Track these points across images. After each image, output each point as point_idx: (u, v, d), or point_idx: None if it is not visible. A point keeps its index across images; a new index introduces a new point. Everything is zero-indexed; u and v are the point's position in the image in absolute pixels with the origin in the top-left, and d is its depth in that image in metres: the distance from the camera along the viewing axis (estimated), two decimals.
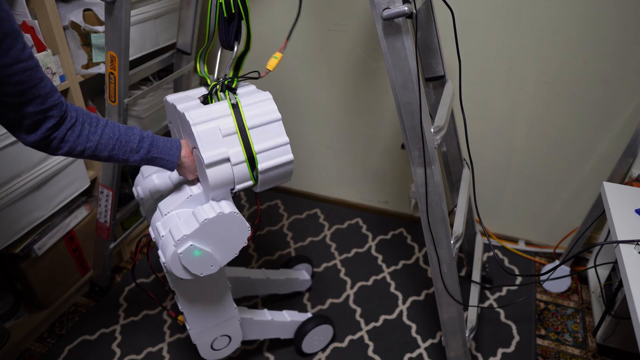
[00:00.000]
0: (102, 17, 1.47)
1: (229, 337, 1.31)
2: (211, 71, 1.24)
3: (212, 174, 1.01)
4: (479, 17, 1.57)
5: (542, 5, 1.48)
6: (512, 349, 1.57)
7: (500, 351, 1.56)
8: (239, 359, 1.55)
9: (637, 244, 0.99)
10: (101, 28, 1.46)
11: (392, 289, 1.80)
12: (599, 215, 1.55)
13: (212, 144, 1.00)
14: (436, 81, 1.31)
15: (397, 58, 0.96)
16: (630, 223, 1.05)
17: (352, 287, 1.81)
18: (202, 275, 1.05)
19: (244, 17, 1.09)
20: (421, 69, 1.29)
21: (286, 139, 1.08)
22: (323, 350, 1.57)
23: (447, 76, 1.31)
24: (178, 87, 1.85)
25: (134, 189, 1.30)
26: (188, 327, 1.23)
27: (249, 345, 1.59)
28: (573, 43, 1.51)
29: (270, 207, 2.22)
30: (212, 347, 1.29)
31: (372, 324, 1.66)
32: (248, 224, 1.07)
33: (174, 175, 1.20)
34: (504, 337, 1.60)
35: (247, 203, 2.24)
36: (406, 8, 0.88)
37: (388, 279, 1.84)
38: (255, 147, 1.04)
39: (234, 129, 1.03)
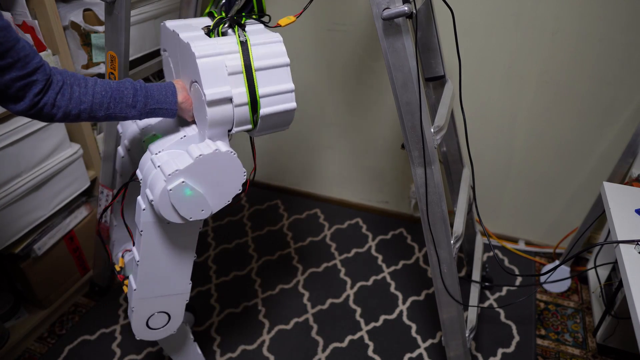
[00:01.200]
0: (102, 17, 1.47)
1: (169, 316, 1.17)
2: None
3: (212, 112, 0.95)
4: (479, 17, 1.57)
5: (542, 5, 1.48)
6: (512, 349, 1.57)
7: (500, 351, 1.56)
8: (238, 359, 1.55)
9: (637, 244, 0.99)
10: (101, 28, 1.46)
11: (392, 289, 1.80)
12: (599, 215, 1.55)
13: (215, 80, 0.94)
14: (436, 81, 1.31)
15: (397, 58, 0.96)
16: (630, 223, 1.05)
17: (352, 287, 1.81)
18: (190, 219, 0.98)
19: None
20: (421, 69, 1.29)
21: (292, 85, 1.01)
22: (323, 350, 1.57)
23: (447, 76, 1.31)
24: None
25: (118, 127, 1.22)
26: (134, 288, 1.10)
27: (249, 345, 1.59)
28: (573, 43, 1.51)
29: (270, 207, 2.22)
30: (147, 324, 1.16)
31: (372, 324, 1.66)
32: (244, 169, 1.00)
33: None
34: (504, 337, 1.60)
35: (246, 203, 2.24)
36: (406, 8, 0.88)
37: (388, 279, 1.84)
38: (260, 91, 0.98)
39: (240, 68, 0.96)
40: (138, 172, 1.06)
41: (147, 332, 1.17)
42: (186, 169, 0.94)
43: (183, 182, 0.95)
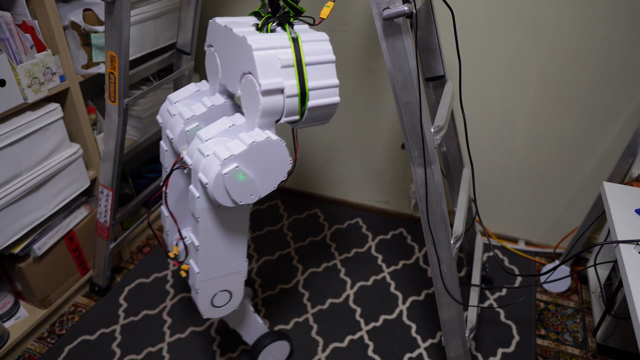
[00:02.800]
0: (102, 17, 1.47)
1: (230, 293, 1.25)
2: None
3: (266, 102, 1.01)
4: (479, 17, 1.57)
5: (542, 5, 1.48)
6: (512, 349, 1.57)
7: (500, 351, 1.56)
8: (238, 359, 1.55)
9: (637, 244, 0.99)
10: (101, 28, 1.46)
11: (392, 289, 1.80)
12: (599, 215, 1.55)
13: (270, 71, 1.00)
14: (436, 81, 1.31)
15: (397, 58, 0.96)
16: (630, 223, 1.05)
17: (352, 287, 1.81)
18: (240, 203, 1.05)
19: None
20: (421, 68, 1.29)
21: (337, 81, 1.09)
22: (323, 350, 1.57)
23: (447, 76, 1.31)
24: (178, 87, 1.85)
25: (158, 117, 1.30)
26: (196, 271, 1.17)
27: (249, 345, 1.59)
28: (573, 43, 1.51)
29: (270, 207, 2.22)
30: (212, 303, 1.24)
31: (372, 324, 1.66)
32: (290, 157, 1.08)
33: (207, 100, 1.21)
34: (504, 337, 1.60)
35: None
36: (406, 8, 0.88)
37: (388, 279, 1.84)
38: (309, 84, 1.05)
39: (292, 62, 1.03)
40: (186, 157, 1.12)
41: (213, 311, 1.25)
42: (240, 154, 1.00)
43: (237, 166, 1.01)
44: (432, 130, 1.08)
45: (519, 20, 1.53)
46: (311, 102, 1.06)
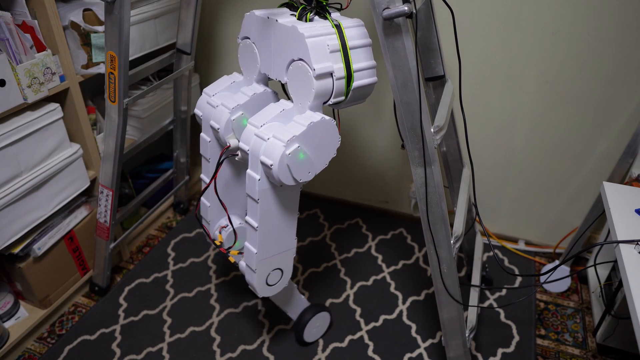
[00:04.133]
0: (102, 17, 1.47)
1: (282, 271, 1.33)
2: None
3: (319, 85, 1.08)
4: (479, 17, 1.57)
5: (542, 5, 1.48)
6: (512, 349, 1.57)
7: (500, 351, 1.56)
8: (238, 359, 1.55)
9: (637, 244, 0.99)
10: (101, 28, 1.46)
11: (392, 289, 1.80)
12: (599, 215, 1.55)
13: (321, 57, 1.07)
14: (436, 81, 1.31)
15: (397, 58, 0.96)
16: (630, 223, 1.05)
17: (352, 287, 1.81)
18: (300, 181, 1.13)
19: None
20: (421, 68, 1.29)
21: (375, 62, 1.15)
22: (323, 350, 1.57)
23: (447, 76, 1.31)
24: (178, 87, 1.85)
25: (196, 111, 1.36)
26: (254, 252, 1.23)
27: (249, 345, 1.59)
28: (573, 43, 1.51)
29: None
30: (266, 282, 1.31)
31: (372, 324, 1.66)
32: (339, 135, 1.16)
33: (248, 90, 1.28)
34: (504, 337, 1.60)
35: None
36: (406, 8, 0.88)
37: (388, 279, 1.84)
38: (354, 66, 1.12)
39: (338, 47, 1.10)
40: (242, 144, 1.18)
41: (268, 289, 1.33)
42: (301, 135, 1.08)
43: (298, 146, 1.09)
44: (432, 130, 1.08)
45: (519, 20, 1.53)
46: (356, 83, 1.13)
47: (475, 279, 1.57)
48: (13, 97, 1.33)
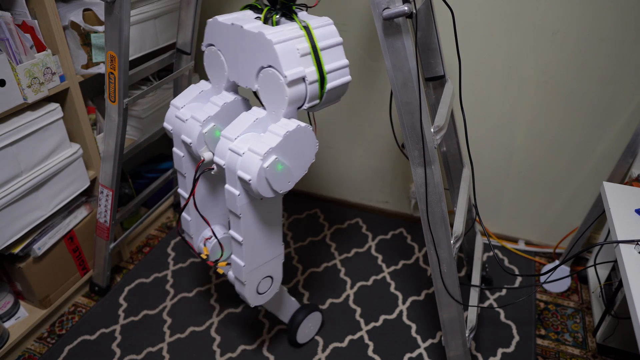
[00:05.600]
0: (102, 17, 1.47)
1: (272, 278, 1.31)
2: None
3: (291, 92, 1.05)
4: (479, 17, 1.57)
5: (542, 5, 1.48)
6: (512, 349, 1.57)
7: (500, 351, 1.56)
8: (238, 359, 1.55)
9: (637, 244, 0.99)
10: (101, 28, 1.46)
11: (392, 289, 1.80)
12: (599, 215, 1.55)
13: (291, 62, 1.04)
14: (436, 81, 1.31)
15: (397, 58, 0.96)
16: (630, 223, 1.05)
17: (352, 287, 1.81)
18: (281, 192, 1.10)
19: None
20: (421, 68, 1.29)
21: (347, 61, 1.13)
22: (323, 350, 1.57)
23: (447, 76, 1.31)
24: (178, 87, 1.85)
25: (166, 125, 1.32)
26: (242, 265, 1.20)
27: (249, 345, 1.59)
28: (573, 43, 1.51)
29: None
30: (257, 291, 1.29)
31: (372, 324, 1.66)
32: (317, 140, 1.13)
33: (218, 99, 1.23)
34: (504, 337, 1.60)
35: None
36: (406, 8, 0.88)
37: (388, 279, 1.84)
38: (326, 67, 1.09)
39: (309, 50, 1.07)
40: (217, 159, 1.14)
41: (260, 298, 1.31)
42: (277, 146, 1.04)
43: (276, 158, 1.05)
44: (432, 130, 1.08)
45: (519, 20, 1.53)
46: (329, 84, 1.10)
47: (475, 279, 1.57)
48: (13, 97, 1.33)
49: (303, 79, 1.06)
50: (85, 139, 1.60)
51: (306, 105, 1.10)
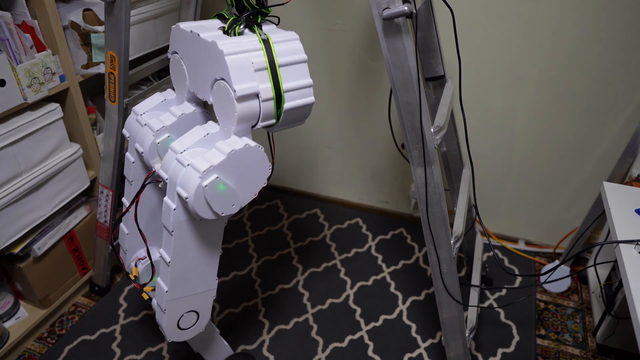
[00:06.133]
0: (102, 17, 1.47)
1: (197, 314, 1.18)
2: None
3: (241, 108, 0.98)
4: (479, 17, 1.57)
5: (542, 5, 1.48)
6: (512, 349, 1.57)
7: (500, 351, 1.56)
8: None
9: (637, 244, 0.99)
10: (101, 28, 1.46)
11: (392, 288, 1.80)
12: (599, 215, 1.55)
13: (243, 76, 0.97)
14: (436, 81, 1.31)
15: (397, 58, 0.96)
16: (630, 223, 1.05)
17: (352, 287, 1.81)
18: (222, 214, 1.01)
19: None
20: (421, 68, 1.29)
21: (311, 81, 1.06)
22: (323, 350, 1.57)
23: (447, 76, 1.31)
24: None
25: (124, 131, 1.23)
26: (165, 290, 1.09)
27: (249, 345, 1.59)
28: (573, 43, 1.51)
29: (270, 207, 2.22)
30: (178, 325, 1.17)
31: (372, 324, 1.66)
32: (269, 162, 1.05)
33: (176, 109, 1.16)
34: (504, 337, 1.60)
35: None
36: (406, 8, 0.88)
37: (388, 278, 1.84)
38: (284, 86, 1.02)
39: (265, 65, 1.00)
40: (161, 172, 1.07)
41: (179, 333, 1.18)
42: (220, 165, 0.96)
43: (217, 177, 0.97)
44: (432, 130, 1.08)
45: (519, 20, 1.53)
46: (287, 104, 1.03)
47: (475, 279, 1.57)
48: (13, 97, 1.33)
49: (257, 95, 0.99)
50: (85, 139, 1.60)
51: (260, 124, 1.03)
